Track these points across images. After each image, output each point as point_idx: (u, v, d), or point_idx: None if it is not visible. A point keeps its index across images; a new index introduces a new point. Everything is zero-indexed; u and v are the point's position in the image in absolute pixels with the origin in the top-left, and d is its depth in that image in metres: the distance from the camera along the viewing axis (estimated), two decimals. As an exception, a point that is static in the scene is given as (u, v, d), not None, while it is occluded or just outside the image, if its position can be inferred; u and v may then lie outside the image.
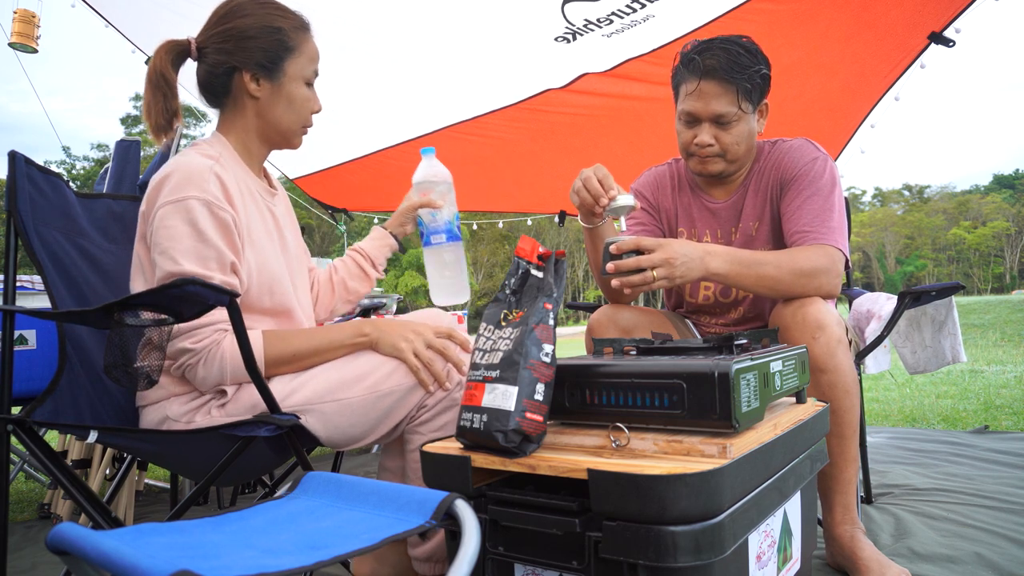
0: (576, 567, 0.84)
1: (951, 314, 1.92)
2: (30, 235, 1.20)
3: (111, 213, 1.44)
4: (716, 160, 1.52)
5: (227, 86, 1.24)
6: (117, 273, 1.38)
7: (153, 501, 2.53)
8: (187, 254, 1.10)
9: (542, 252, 1.03)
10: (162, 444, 1.17)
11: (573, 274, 60.37)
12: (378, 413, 1.20)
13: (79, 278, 1.29)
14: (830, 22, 2.53)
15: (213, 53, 1.22)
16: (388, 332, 1.21)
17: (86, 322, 1.08)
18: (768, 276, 1.35)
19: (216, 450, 1.10)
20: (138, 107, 33.97)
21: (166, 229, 1.11)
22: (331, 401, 1.17)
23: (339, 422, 1.18)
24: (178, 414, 1.17)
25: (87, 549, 0.60)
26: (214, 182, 1.15)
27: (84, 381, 1.24)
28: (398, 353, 1.19)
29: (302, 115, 1.29)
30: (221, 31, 1.22)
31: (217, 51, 1.22)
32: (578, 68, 2.87)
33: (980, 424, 3.30)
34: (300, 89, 1.27)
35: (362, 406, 1.18)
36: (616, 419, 0.93)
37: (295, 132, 1.31)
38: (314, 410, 1.16)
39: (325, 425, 1.17)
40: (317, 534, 0.74)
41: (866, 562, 1.32)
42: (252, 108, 1.26)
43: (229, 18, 1.22)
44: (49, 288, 1.21)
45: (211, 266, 1.11)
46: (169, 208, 1.11)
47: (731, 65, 1.43)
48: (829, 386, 1.33)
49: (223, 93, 1.26)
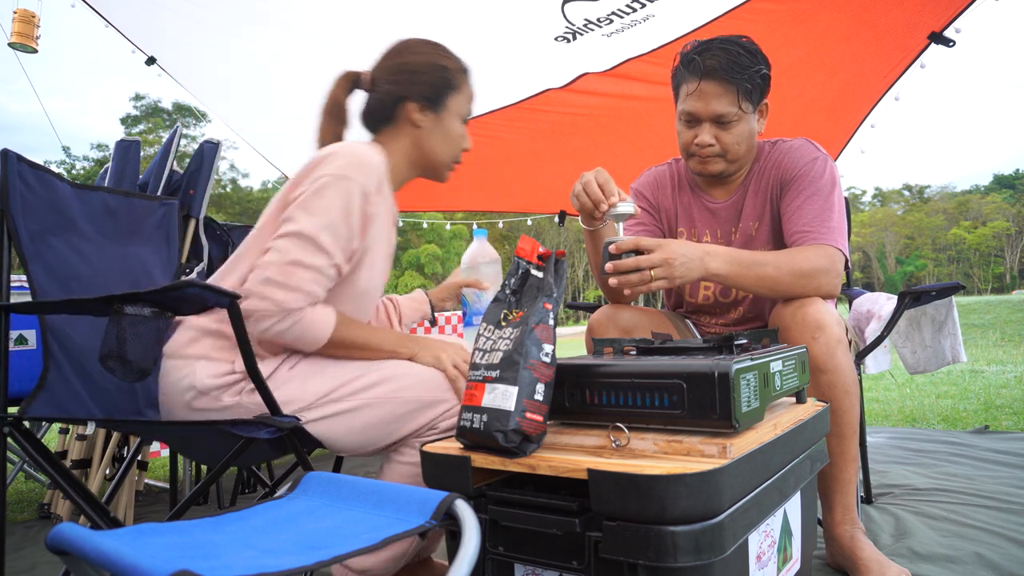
0: (576, 567, 0.84)
1: (951, 314, 1.92)
2: (20, 233, 1.22)
3: (106, 207, 1.46)
4: (716, 160, 1.52)
5: (392, 114, 1.35)
6: (105, 269, 1.40)
7: (153, 501, 2.53)
8: (327, 225, 1.17)
9: (542, 252, 1.03)
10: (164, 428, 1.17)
11: (573, 274, 60.37)
12: (393, 419, 1.21)
13: (64, 274, 1.31)
14: (830, 22, 2.53)
15: (385, 84, 1.34)
16: (428, 346, 1.29)
17: (85, 311, 1.09)
18: (768, 276, 1.35)
19: (216, 441, 1.11)
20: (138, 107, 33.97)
21: (320, 197, 1.17)
22: (350, 396, 1.19)
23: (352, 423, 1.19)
24: (207, 386, 1.17)
25: (87, 549, 0.60)
26: (378, 178, 1.23)
27: (71, 375, 1.25)
28: (438, 363, 1.25)
29: (454, 149, 1.39)
30: (394, 65, 1.35)
31: (389, 82, 1.34)
32: (578, 68, 2.87)
33: (980, 424, 3.30)
34: (457, 125, 1.38)
35: (379, 407, 1.19)
36: (616, 419, 0.92)
37: (446, 164, 1.40)
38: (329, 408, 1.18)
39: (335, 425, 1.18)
40: (317, 534, 0.74)
41: (866, 562, 1.32)
42: (411, 136, 1.36)
43: (402, 55, 1.36)
44: (32, 284, 1.24)
45: (339, 244, 1.18)
46: (331, 180, 1.18)
47: (731, 65, 1.43)
48: (829, 386, 1.33)
49: (386, 120, 1.36)
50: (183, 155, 2.53)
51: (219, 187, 37.76)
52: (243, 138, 3.61)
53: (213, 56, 2.96)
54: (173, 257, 1.63)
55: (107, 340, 0.97)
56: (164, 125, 37.41)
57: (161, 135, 30.08)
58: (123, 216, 1.51)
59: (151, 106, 39.61)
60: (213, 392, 1.17)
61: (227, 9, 2.60)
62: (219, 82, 3.21)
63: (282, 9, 2.60)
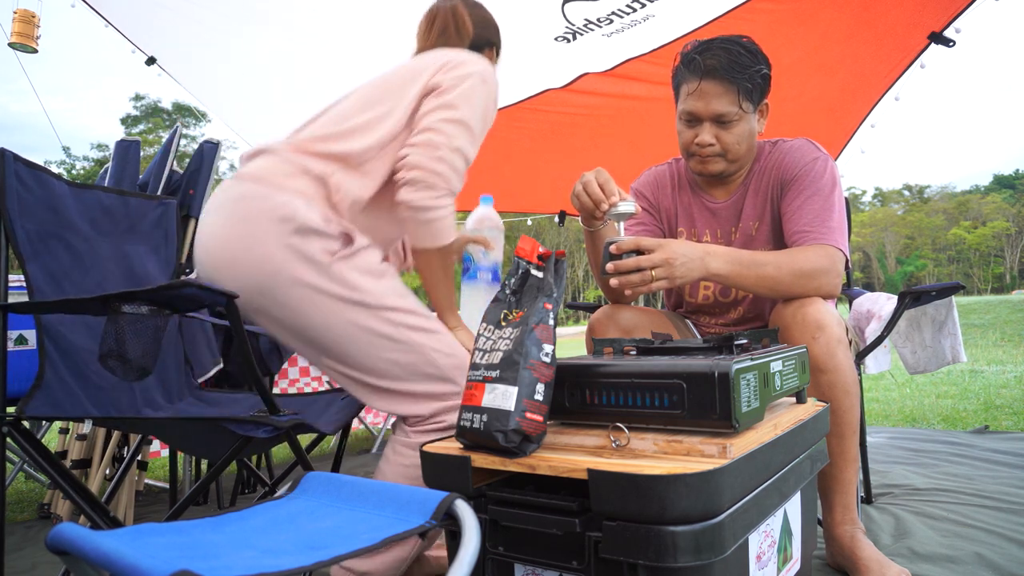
0: (576, 567, 0.84)
1: (951, 314, 1.92)
2: (17, 233, 1.23)
3: (101, 206, 1.47)
4: (717, 160, 1.52)
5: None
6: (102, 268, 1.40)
7: (153, 501, 2.53)
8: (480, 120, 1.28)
9: (542, 252, 1.03)
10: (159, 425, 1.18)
11: (573, 274, 60.34)
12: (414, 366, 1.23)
13: (61, 273, 1.32)
14: (830, 22, 2.53)
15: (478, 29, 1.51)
16: (466, 331, 1.38)
17: (83, 311, 1.09)
18: (768, 276, 1.35)
19: (212, 436, 1.11)
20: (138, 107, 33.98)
21: (472, 94, 1.28)
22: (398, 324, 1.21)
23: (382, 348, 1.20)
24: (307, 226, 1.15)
25: (87, 549, 0.60)
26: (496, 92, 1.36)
27: (67, 374, 1.25)
28: (467, 346, 1.32)
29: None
30: (480, 16, 1.53)
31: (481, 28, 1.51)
32: (578, 68, 2.87)
33: (980, 424, 3.30)
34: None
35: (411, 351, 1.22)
36: (616, 419, 0.92)
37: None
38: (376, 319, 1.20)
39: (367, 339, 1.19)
40: (317, 534, 0.74)
41: (866, 562, 1.32)
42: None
43: (481, 8, 1.56)
44: (30, 283, 1.24)
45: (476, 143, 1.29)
46: (478, 83, 1.29)
47: (732, 65, 1.43)
48: (829, 386, 1.33)
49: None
50: (183, 155, 2.53)
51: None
52: (243, 138, 3.61)
53: (213, 56, 2.96)
54: (171, 256, 1.63)
55: (106, 339, 0.97)
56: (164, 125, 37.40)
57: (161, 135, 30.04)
58: (120, 215, 1.51)
59: (151, 106, 39.60)
60: (312, 236, 1.15)
61: (227, 9, 2.60)
62: (219, 82, 3.21)
63: (282, 9, 2.60)
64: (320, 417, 1.40)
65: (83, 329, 1.32)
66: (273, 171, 1.19)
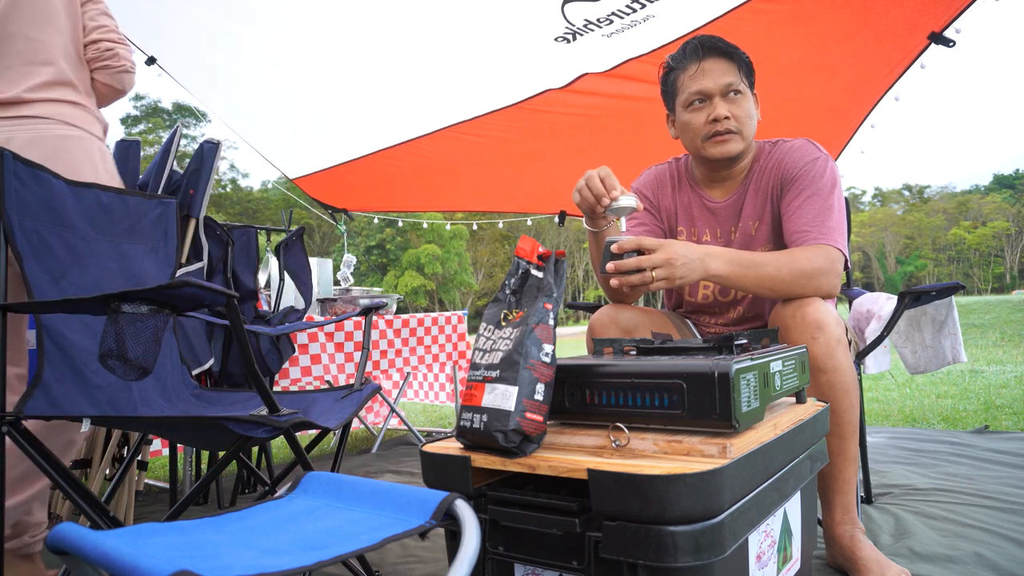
0: (576, 567, 0.84)
1: (951, 314, 1.92)
2: (15, 232, 1.23)
3: (100, 205, 1.46)
4: (735, 137, 1.52)
5: None
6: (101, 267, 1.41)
7: (153, 501, 2.53)
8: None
9: (542, 252, 1.03)
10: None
11: (573, 274, 60.34)
12: None
13: (60, 272, 1.32)
14: (830, 22, 2.53)
15: None
16: None
17: (82, 310, 1.09)
18: (768, 277, 1.35)
19: (212, 433, 1.11)
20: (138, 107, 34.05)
21: None
22: None
23: None
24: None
25: (87, 549, 0.60)
26: None
27: (66, 373, 1.25)
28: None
29: None
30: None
31: None
32: (578, 68, 2.87)
33: (980, 424, 3.30)
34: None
35: None
36: (616, 419, 0.92)
37: None
38: None
39: None
40: (317, 534, 0.74)
41: (866, 562, 1.32)
42: None
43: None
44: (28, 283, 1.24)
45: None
46: None
47: (725, 44, 1.51)
48: (829, 386, 1.33)
49: None
50: (183, 155, 2.53)
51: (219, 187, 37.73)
52: (243, 138, 3.61)
53: (213, 56, 2.96)
54: (171, 255, 1.63)
55: (106, 339, 0.97)
56: (164, 125, 37.37)
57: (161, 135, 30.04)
58: (119, 214, 1.51)
59: (151, 106, 39.56)
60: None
61: (227, 9, 2.60)
62: (219, 82, 3.21)
63: (282, 10, 2.60)
64: (321, 414, 1.40)
65: (82, 328, 1.31)
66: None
